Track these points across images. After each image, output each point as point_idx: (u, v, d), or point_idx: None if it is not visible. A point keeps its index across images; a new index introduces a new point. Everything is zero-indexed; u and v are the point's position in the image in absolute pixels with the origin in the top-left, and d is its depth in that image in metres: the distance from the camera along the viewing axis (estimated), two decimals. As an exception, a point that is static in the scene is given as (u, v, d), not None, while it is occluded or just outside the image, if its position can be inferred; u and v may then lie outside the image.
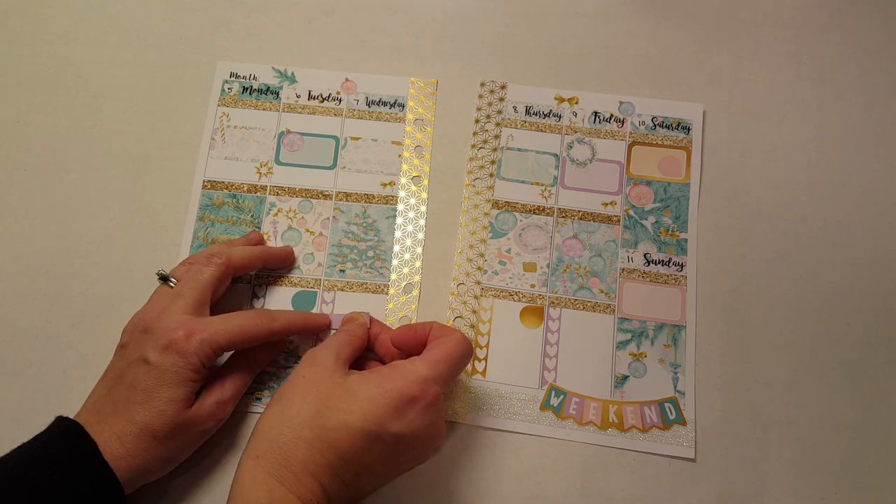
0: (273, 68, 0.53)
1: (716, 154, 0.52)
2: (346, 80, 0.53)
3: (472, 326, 0.47)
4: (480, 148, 0.52)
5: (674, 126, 0.52)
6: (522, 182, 0.51)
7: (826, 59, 0.55)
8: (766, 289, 0.48)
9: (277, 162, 0.51)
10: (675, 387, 0.46)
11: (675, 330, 0.47)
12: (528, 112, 0.53)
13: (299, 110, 0.52)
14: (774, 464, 0.44)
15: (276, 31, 0.55)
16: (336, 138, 0.51)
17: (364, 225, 0.49)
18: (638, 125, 0.52)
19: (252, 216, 0.49)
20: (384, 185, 0.50)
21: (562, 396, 0.45)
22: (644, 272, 0.49)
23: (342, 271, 0.48)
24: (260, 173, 0.50)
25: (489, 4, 0.56)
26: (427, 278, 0.49)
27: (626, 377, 0.46)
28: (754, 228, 0.50)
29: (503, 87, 0.54)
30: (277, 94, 0.53)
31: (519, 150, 0.52)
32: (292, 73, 0.53)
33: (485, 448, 0.44)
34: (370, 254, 0.49)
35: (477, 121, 0.53)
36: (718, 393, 0.46)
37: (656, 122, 0.52)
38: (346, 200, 0.50)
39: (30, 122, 0.52)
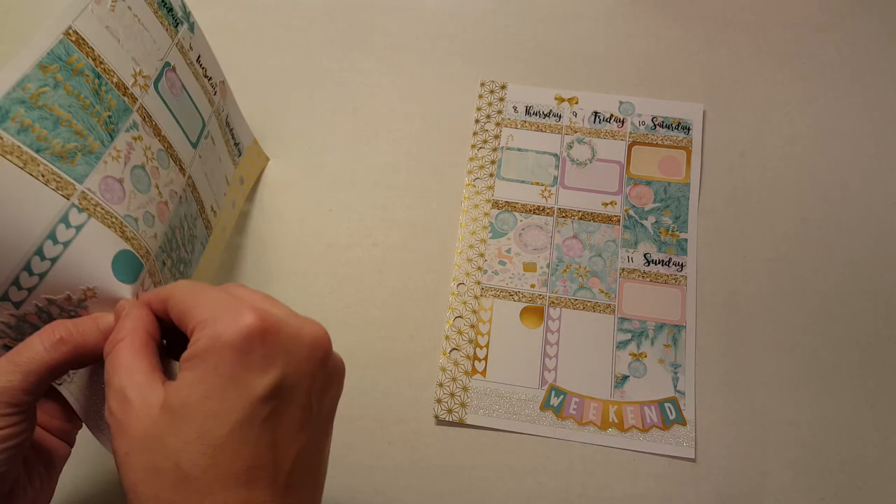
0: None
1: (716, 154, 0.52)
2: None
3: (472, 326, 0.47)
4: (480, 148, 0.52)
5: (674, 126, 0.52)
6: (522, 182, 0.51)
7: (826, 59, 0.55)
8: (766, 289, 0.48)
9: (155, 86, 0.38)
10: (675, 387, 0.46)
11: (675, 330, 0.47)
12: (528, 112, 0.53)
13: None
14: (774, 464, 0.44)
15: (276, 31, 0.55)
16: (203, 122, 0.42)
17: (190, 234, 0.40)
18: (638, 125, 0.52)
19: (109, 117, 0.34)
20: (213, 210, 0.44)
21: (562, 396, 0.45)
22: (644, 272, 0.49)
23: (164, 264, 0.36)
24: (136, 80, 0.36)
25: (489, 4, 0.56)
26: (427, 278, 0.49)
27: (626, 377, 0.46)
28: (754, 228, 0.50)
29: (503, 87, 0.54)
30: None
31: (519, 150, 0.52)
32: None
33: (485, 448, 0.44)
34: (181, 268, 0.39)
35: (477, 121, 0.53)
36: (718, 393, 0.46)
37: (656, 122, 0.52)
38: (192, 192, 0.40)
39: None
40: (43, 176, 0.30)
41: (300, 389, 0.27)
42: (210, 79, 0.44)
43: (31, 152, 0.29)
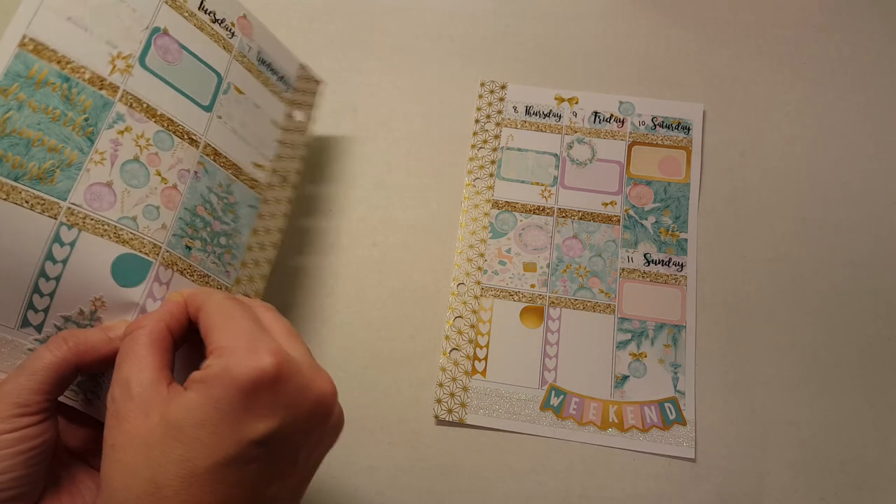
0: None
1: (716, 154, 0.52)
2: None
3: (472, 326, 0.47)
4: (480, 148, 0.52)
5: (674, 126, 0.52)
6: (522, 182, 0.51)
7: (826, 59, 0.55)
8: (766, 289, 0.48)
9: (142, 63, 0.35)
10: (675, 387, 0.46)
11: (675, 330, 0.47)
12: (528, 112, 0.53)
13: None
14: (774, 464, 0.44)
15: (276, 30, 0.55)
16: (219, 76, 0.39)
17: (225, 202, 0.38)
18: (638, 125, 0.52)
19: (86, 120, 0.32)
20: (257, 165, 0.41)
21: (562, 396, 0.45)
22: (644, 272, 0.49)
23: (188, 248, 0.35)
24: (115, 65, 0.34)
25: (489, 4, 0.56)
26: (427, 278, 0.49)
27: (626, 377, 0.46)
28: (754, 228, 0.50)
29: (503, 87, 0.54)
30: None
31: (519, 150, 0.52)
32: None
33: (485, 448, 0.44)
34: (222, 241, 0.37)
35: (477, 121, 0.53)
36: (718, 393, 0.46)
37: (656, 122, 0.52)
38: (214, 160, 0.38)
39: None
40: (27, 202, 0.30)
41: (293, 443, 0.27)
42: (221, 21, 0.40)
43: (11, 182, 0.30)
